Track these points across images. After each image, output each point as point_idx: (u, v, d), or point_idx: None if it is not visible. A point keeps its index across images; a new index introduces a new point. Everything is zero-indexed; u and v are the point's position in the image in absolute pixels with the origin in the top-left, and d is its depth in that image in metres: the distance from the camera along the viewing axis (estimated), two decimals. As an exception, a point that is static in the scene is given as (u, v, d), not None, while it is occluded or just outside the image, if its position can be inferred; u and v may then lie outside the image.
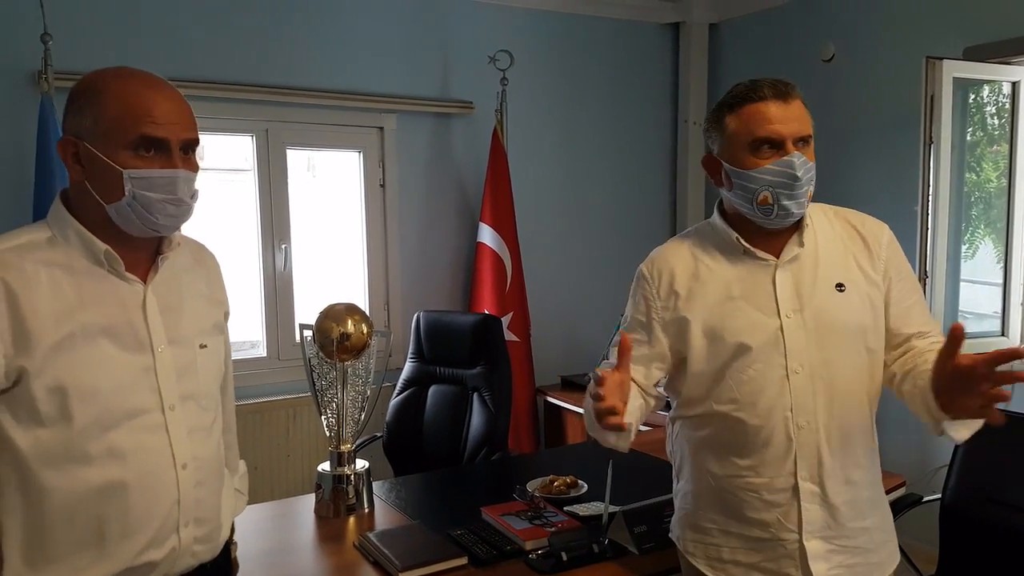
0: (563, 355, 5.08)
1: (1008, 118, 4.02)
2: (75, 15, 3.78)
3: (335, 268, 4.71)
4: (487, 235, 4.67)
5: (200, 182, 1.62)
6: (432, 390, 3.85)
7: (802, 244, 1.87)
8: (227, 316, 1.85)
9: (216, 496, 1.73)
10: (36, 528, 1.49)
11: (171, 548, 1.60)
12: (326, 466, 2.73)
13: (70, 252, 1.54)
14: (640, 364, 1.94)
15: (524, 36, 4.90)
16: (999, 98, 4.09)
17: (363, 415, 2.79)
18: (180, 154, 1.56)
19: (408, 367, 3.94)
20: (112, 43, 3.87)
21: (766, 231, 1.87)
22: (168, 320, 1.62)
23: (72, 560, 1.51)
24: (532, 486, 2.77)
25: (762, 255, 1.88)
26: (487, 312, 4.48)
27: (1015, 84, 3.95)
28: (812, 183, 1.82)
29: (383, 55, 4.53)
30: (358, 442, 2.81)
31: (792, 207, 1.79)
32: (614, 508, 2.38)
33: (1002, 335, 4.04)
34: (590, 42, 5.18)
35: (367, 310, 3.57)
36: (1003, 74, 3.91)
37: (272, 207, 4.36)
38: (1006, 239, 4.04)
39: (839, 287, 1.86)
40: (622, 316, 2.06)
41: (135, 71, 1.59)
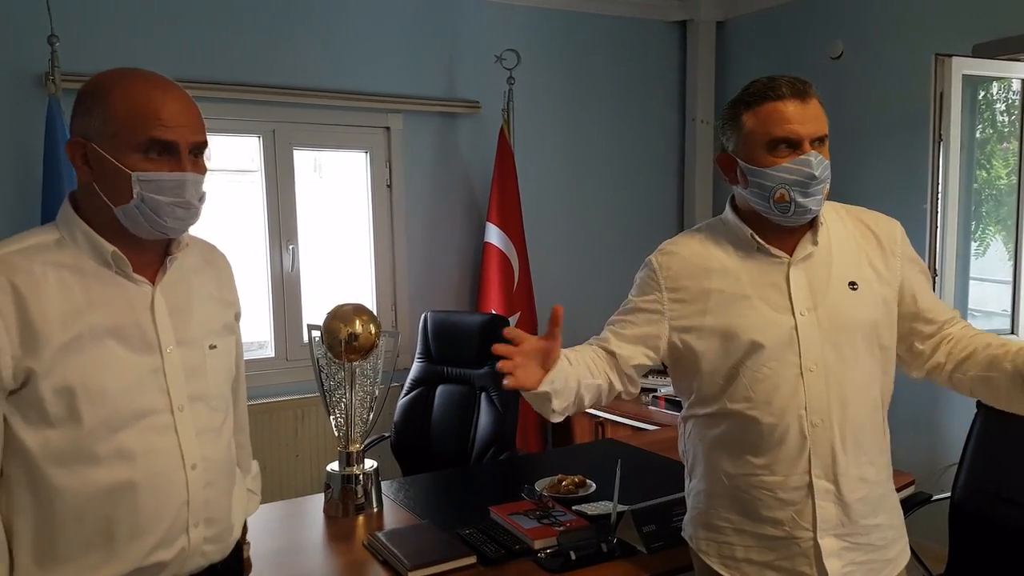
0: (571, 354, 5.05)
1: (1018, 115, 4.00)
2: (82, 17, 3.78)
3: (342, 268, 4.71)
4: (494, 235, 4.67)
5: (207, 183, 1.62)
6: (440, 390, 3.85)
7: (816, 242, 1.87)
8: (238, 317, 1.85)
9: (226, 496, 1.73)
10: (46, 528, 1.49)
11: (180, 548, 1.60)
12: (335, 466, 2.74)
13: (78, 253, 1.54)
14: (627, 342, 1.93)
15: (530, 35, 4.90)
16: (1008, 95, 4.07)
17: (371, 415, 2.79)
18: (189, 157, 1.56)
19: (416, 367, 3.94)
20: (119, 44, 3.87)
21: (779, 228, 1.86)
22: (177, 321, 1.62)
23: (81, 560, 1.51)
24: (540, 485, 2.77)
25: (776, 252, 1.87)
26: (494, 312, 4.48)
27: (1024, 81, 3.94)
28: (828, 181, 1.81)
29: (389, 55, 4.54)
30: (366, 442, 2.81)
31: (809, 205, 1.79)
32: (622, 507, 2.38)
33: (1012, 332, 4.03)
34: (597, 40, 5.17)
35: (374, 310, 3.57)
36: (1012, 71, 3.90)
37: (279, 208, 4.36)
38: (1016, 236, 4.03)
39: (852, 285, 1.86)
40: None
41: (144, 72, 1.58)
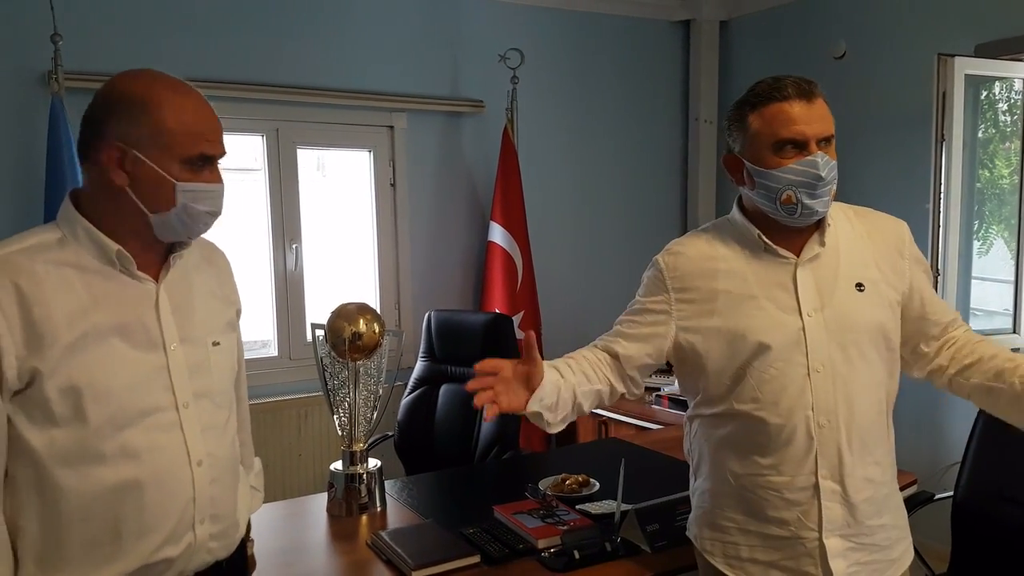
0: (574, 353, 5.05)
1: (1019, 115, 4.00)
2: (85, 15, 3.79)
3: (346, 267, 4.71)
4: (498, 234, 4.68)
5: None
6: (443, 389, 3.85)
7: (823, 243, 1.87)
8: (239, 314, 1.86)
9: (231, 493, 1.74)
10: (52, 528, 1.50)
11: (187, 544, 1.61)
12: (338, 465, 2.74)
13: (81, 252, 1.54)
14: (632, 341, 1.95)
15: (534, 34, 4.90)
16: (1011, 95, 4.07)
17: (375, 414, 2.79)
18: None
19: (419, 366, 3.95)
20: (122, 43, 3.88)
21: (787, 229, 1.86)
22: (180, 318, 1.63)
23: (89, 559, 1.52)
24: (544, 484, 2.77)
25: (783, 253, 1.87)
26: (498, 311, 4.48)
27: (1027, 80, 3.94)
28: (835, 182, 1.81)
29: (393, 54, 4.54)
30: (370, 441, 2.82)
31: (816, 206, 1.79)
32: (626, 506, 2.38)
33: (1014, 332, 4.03)
34: (600, 40, 5.18)
35: (378, 309, 3.57)
36: (1015, 71, 3.90)
37: (283, 207, 4.37)
38: (1018, 236, 4.03)
39: (859, 286, 1.86)
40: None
41: (187, 85, 1.62)
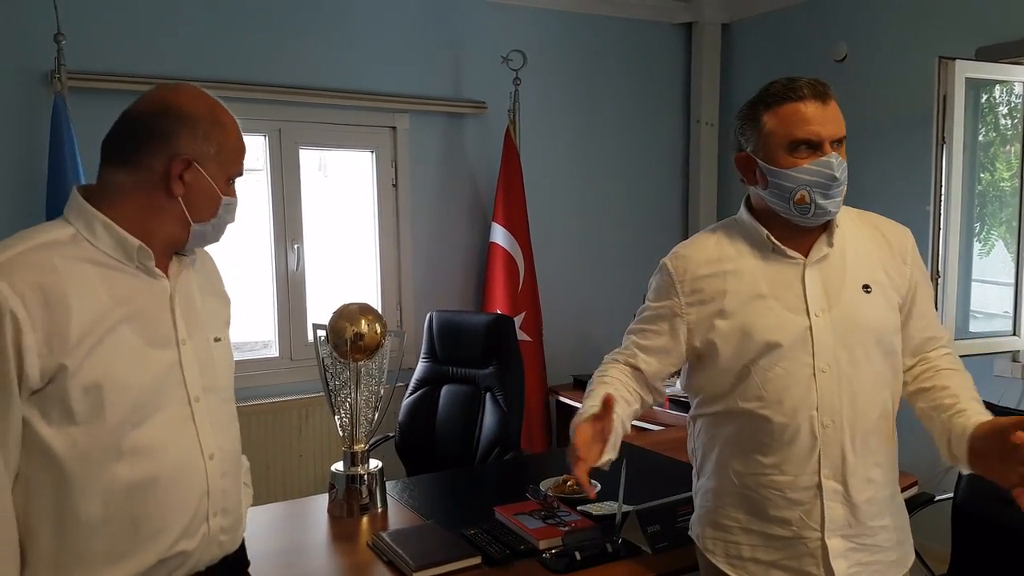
0: (575, 354, 5.07)
1: (1020, 118, 4.01)
2: (88, 15, 3.80)
3: (348, 268, 4.72)
4: (499, 235, 4.68)
5: None
6: (445, 390, 3.86)
7: (831, 244, 1.88)
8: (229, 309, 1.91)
9: (237, 486, 1.77)
10: (70, 528, 1.50)
11: (202, 537, 1.64)
12: (339, 466, 2.74)
13: (97, 248, 1.55)
14: (653, 356, 1.96)
15: (537, 36, 4.91)
16: (1011, 98, 4.07)
17: (376, 415, 2.80)
18: None
19: (421, 367, 3.95)
20: (125, 43, 3.89)
21: (795, 230, 1.87)
22: (187, 315, 1.66)
23: (107, 556, 1.52)
24: (545, 485, 2.78)
25: (791, 253, 1.88)
26: (499, 312, 4.49)
27: (1028, 84, 3.95)
28: (846, 183, 1.82)
29: (396, 55, 4.55)
30: (371, 442, 2.82)
31: (829, 206, 1.80)
32: (627, 507, 2.38)
33: (1014, 334, 4.03)
34: (602, 42, 5.19)
35: (380, 310, 3.57)
36: (1015, 74, 3.90)
37: (284, 207, 4.37)
38: (1018, 239, 4.03)
39: (866, 288, 1.87)
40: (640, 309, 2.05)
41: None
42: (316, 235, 4.50)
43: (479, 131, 4.83)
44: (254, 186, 4.36)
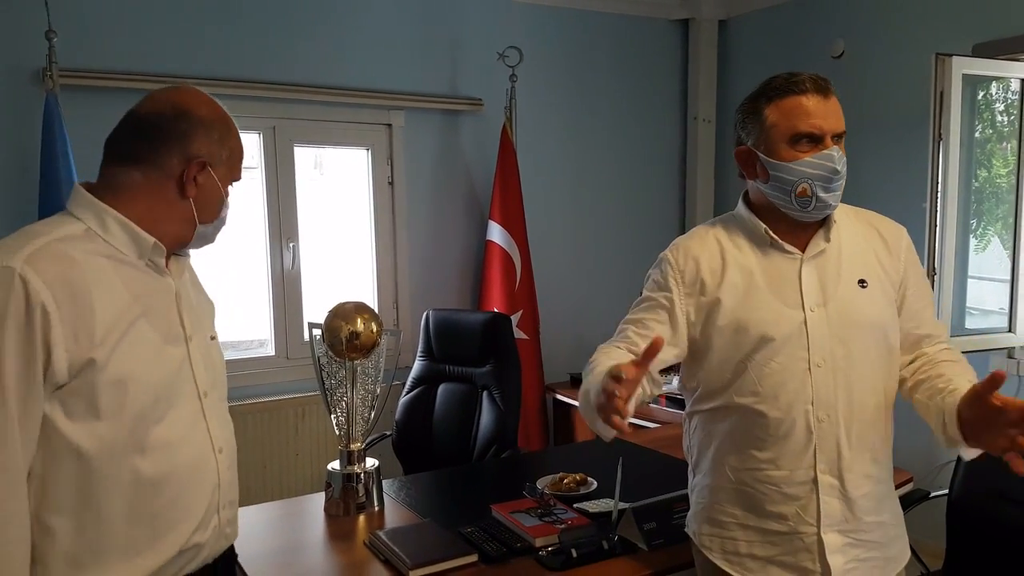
0: (572, 352, 5.06)
1: (1016, 115, 4.01)
2: (80, 12, 3.78)
3: (343, 266, 4.71)
4: (496, 233, 4.68)
5: None
6: (441, 388, 3.85)
7: (828, 239, 1.89)
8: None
9: (237, 480, 1.80)
10: (91, 524, 1.50)
11: (213, 528, 1.67)
12: (336, 464, 2.74)
13: (111, 244, 1.56)
14: None
15: (533, 32, 4.90)
16: (1008, 95, 4.07)
17: (373, 414, 2.79)
18: None
19: (417, 365, 3.94)
20: (117, 40, 3.88)
21: (792, 225, 1.88)
22: (190, 313, 1.69)
23: (127, 551, 1.53)
24: (542, 483, 2.78)
25: (789, 248, 1.88)
26: (496, 310, 4.48)
27: (1024, 80, 3.95)
28: (846, 177, 1.83)
29: (392, 52, 4.54)
30: (368, 440, 2.82)
31: (830, 200, 1.82)
32: (624, 505, 2.39)
33: (1009, 331, 4.04)
34: (599, 38, 5.18)
35: (376, 308, 3.57)
36: (1012, 71, 3.90)
37: (280, 205, 4.36)
38: (1014, 235, 4.04)
39: (862, 283, 1.87)
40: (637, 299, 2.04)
41: None
42: (311, 233, 4.49)
43: (475, 128, 4.82)
44: (249, 184, 4.34)
